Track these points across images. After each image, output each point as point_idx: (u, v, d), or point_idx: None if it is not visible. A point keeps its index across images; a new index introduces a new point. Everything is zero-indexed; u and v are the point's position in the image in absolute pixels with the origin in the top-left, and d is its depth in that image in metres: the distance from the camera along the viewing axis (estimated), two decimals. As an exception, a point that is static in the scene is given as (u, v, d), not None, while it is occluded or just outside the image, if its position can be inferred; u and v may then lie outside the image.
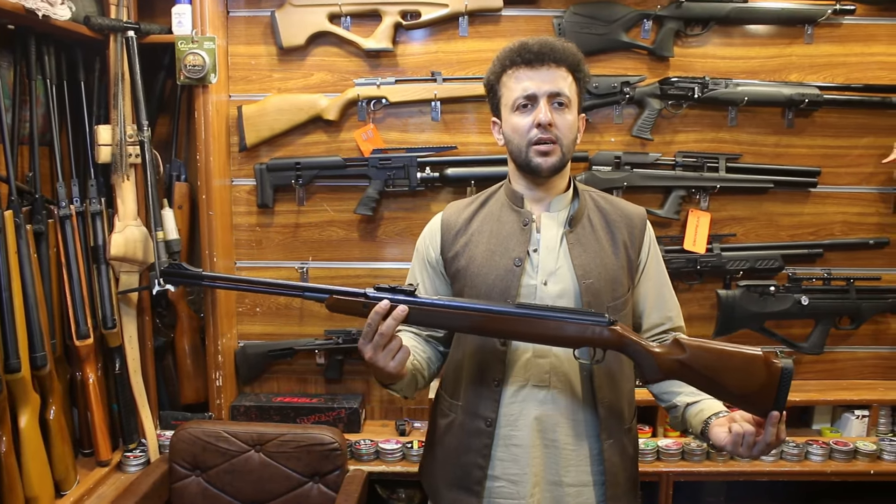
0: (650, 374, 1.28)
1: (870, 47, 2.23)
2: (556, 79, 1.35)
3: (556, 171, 1.38)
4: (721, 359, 1.23)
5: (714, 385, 1.25)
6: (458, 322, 1.28)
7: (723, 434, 1.26)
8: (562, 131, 1.36)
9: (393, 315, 1.23)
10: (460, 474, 1.43)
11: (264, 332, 2.36)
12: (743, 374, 1.20)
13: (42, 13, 1.71)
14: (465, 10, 2.17)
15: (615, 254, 1.42)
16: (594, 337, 1.26)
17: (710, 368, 1.23)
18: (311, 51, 2.25)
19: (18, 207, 1.74)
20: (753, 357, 1.20)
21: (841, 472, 2.09)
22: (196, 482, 1.98)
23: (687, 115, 2.26)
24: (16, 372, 1.67)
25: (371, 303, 1.24)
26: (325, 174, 2.25)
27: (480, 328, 1.28)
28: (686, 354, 1.24)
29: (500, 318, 1.26)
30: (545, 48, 1.36)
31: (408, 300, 1.25)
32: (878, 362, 2.39)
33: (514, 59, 1.38)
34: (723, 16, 2.17)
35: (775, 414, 1.18)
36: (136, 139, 2.04)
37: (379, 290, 1.27)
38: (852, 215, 2.32)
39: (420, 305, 1.26)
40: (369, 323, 1.23)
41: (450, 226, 1.49)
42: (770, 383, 1.18)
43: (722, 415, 1.31)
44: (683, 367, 1.25)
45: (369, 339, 1.24)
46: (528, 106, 1.36)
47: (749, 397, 1.21)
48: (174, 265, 1.31)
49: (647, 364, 1.27)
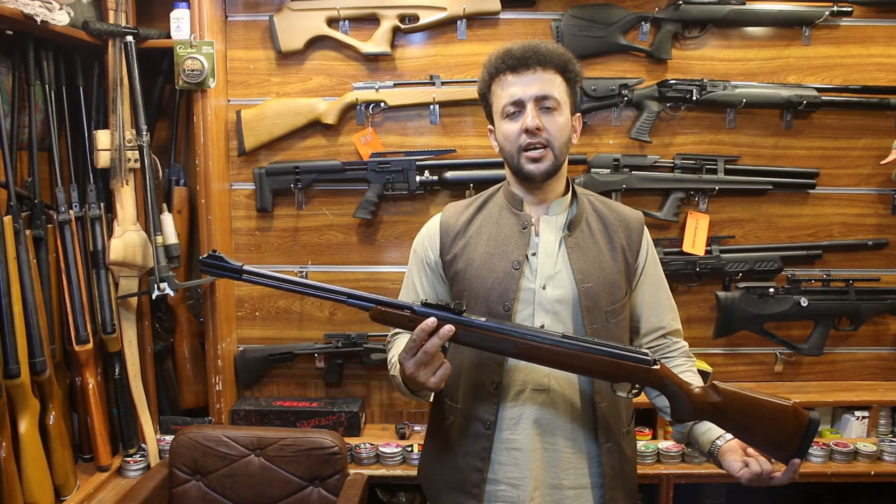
0: (683, 415, 1.29)
1: (867, 49, 2.24)
2: (543, 82, 1.35)
3: (549, 176, 1.38)
4: (753, 407, 1.25)
5: (743, 431, 1.27)
6: (503, 346, 1.27)
7: (737, 465, 1.28)
8: (552, 134, 1.35)
9: (439, 334, 1.21)
10: (459, 478, 1.43)
11: (264, 337, 2.36)
12: (773, 424, 1.23)
13: (40, 19, 1.71)
14: (464, 13, 2.18)
15: (613, 258, 1.42)
16: (636, 375, 1.27)
17: (742, 415, 1.25)
18: (310, 55, 2.25)
19: (18, 213, 1.74)
20: (784, 408, 1.22)
21: (841, 473, 2.09)
22: (196, 487, 1.98)
23: (685, 117, 2.26)
24: (15, 377, 1.67)
25: (418, 318, 1.23)
26: (324, 178, 2.25)
27: (526, 355, 1.27)
28: (721, 400, 1.26)
29: (547, 348, 1.25)
30: (528, 52, 1.35)
31: (455, 319, 1.24)
32: (877, 363, 2.39)
33: (499, 67, 1.38)
34: (721, 18, 2.18)
35: (797, 462, 1.21)
36: (135, 144, 2.04)
37: (426, 305, 1.25)
38: (851, 216, 2.32)
39: (467, 326, 1.24)
40: (414, 338, 1.22)
41: (449, 228, 1.49)
42: (797, 432, 1.21)
43: (729, 437, 1.32)
44: (717, 411, 1.27)
45: (412, 355, 1.23)
46: (516, 112, 1.36)
47: (774, 444, 1.24)
48: (214, 255, 1.25)
49: (683, 404, 1.28)
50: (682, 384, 1.28)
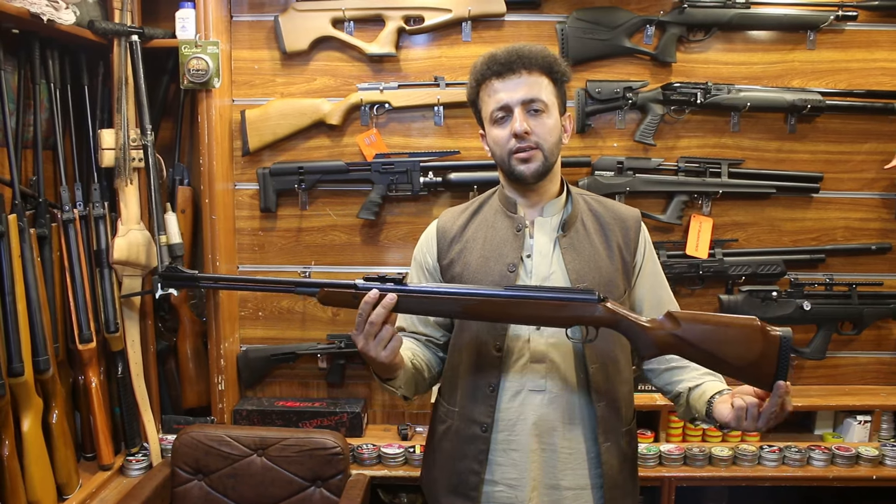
0: (645, 350, 1.26)
1: (872, 53, 2.24)
2: (529, 85, 1.35)
3: (540, 176, 1.38)
4: (716, 329, 1.21)
5: (712, 357, 1.22)
6: (447, 307, 1.29)
7: (726, 410, 1.24)
8: (541, 136, 1.36)
9: (382, 304, 1.23)
10: (456, 481, 1.44)
11: (266, 337, 2.36)
12: (740, 344, 1.18)
13: (47, 18, 1.71)
14: (469, 15, 2.18)
15: (609, 257, 1.42)
16: (585, 315, 1.25)
17: (707, 340, 1.21)
18: (315, 55, 2.25)
19: (22, 211, 1.75)
20: (749, 324, 1.18)
21: (843, 477, 2.08)
22: (198, 486, 1.98)
23: (689, 120, 2.26)
24: (19, 376, 1.67)
25: (361, 293, 1.26)
26: (327, 179, 2.25)
27: (470, 312, 1.29)
28: (680, 328, 1.23)
29: (489, 300, 1.27)
30: (513, 56, 1.36)
31: (396, 288, 1.26)
32: (880, 367, 2.39)
33: (484, 73, 1.39)
34: (725, 21, 2.18)
35: (781, 384, 1.16)
36: (139, 143, 2.04)
37: (368, 280, 1.28)
38: (854, 221, 2.32)
39: (409, 293, 1.27)
40: (360, 313, 1.24)
41: (445, 233, 1.50)
42: (769, 352, 1.16)
43: (724, 392, 1.30)
44: (678, 340, 1.23)
45: (361, 329, 1.25)
46: (504, 117, 1.37)
47: (749, 368, 1.18)
48: (170, 268, 1.36)
49: (642, 340, 1.25)
50: (636, 319, 1.25)
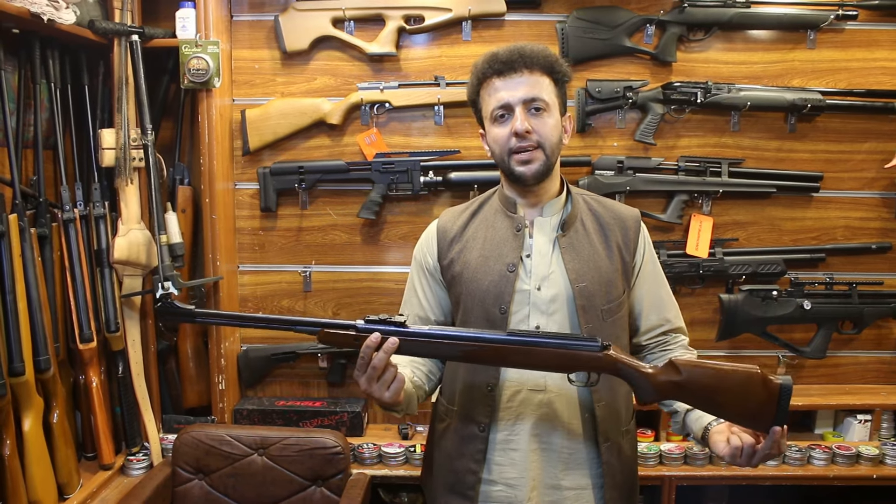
0: (645, 396, 1.27)
1: (872, 53, 2.24)
2: (531, 84, 1.35)
3: (541, 177, 1.38)
4: (717, 378, 1.21)
5: (712, 405, 1.24)
6: (448, 351, 1.28)
7: (721, 444, 1.26)
8: (542, 135, 1.35)
9: (384, 348, 1.23)
10: (454, 479, 1.44)
11: (267, 336, 2.35)
12: (741, 394, 1.19)
13: (47, 17, 1.71)
14: (469, 14, 2.18)
15: (609, 256, 1.42)
16: (587, 362, 1.25)
17: (707, 388, 1.22)
18: (315, 55, 2.25)
19: (23, 211, 1.75)
20: (750, 375, 1.18)
21: (843, 476, 2.09)
22: (199, 486, 1.98)
23: (689, 119, 2.26)
24: (20, 375, 1.67)
25: (362, 336, 1.24)
26: (328, 178, 2.25)
27: (472, 357, 1.29)
28: (681, 376, 1.23)
29: (491, 347, 1.26)
30: (514, 55, 1.35)
31: (398, 331, 1.25)
32: (880, 367, 2.39)
33: (486, 71, 1.38)
34: (725, 21, 2.18)
35: (777, 430, 1.17)
36: (139, 143, 2.04)
37: (368, 322, 1.27)
38: (854, 220, 2.32)
39: (410, 336, 1.26)
40: (362, 356, 1.23)
41: (445, 232, 1.50)
42: (769, 401, 1.16)
43: (721, 421, 1.31)
44: (679, 388, 1.24)
45: (363, 372, 1.25)
46: (505, 116, 1.36)
47: (748, 415, 1.20)
48: (166, 304, 1.32)
49: (643, 386, 1.26)
50: (637, 366, 1.26)
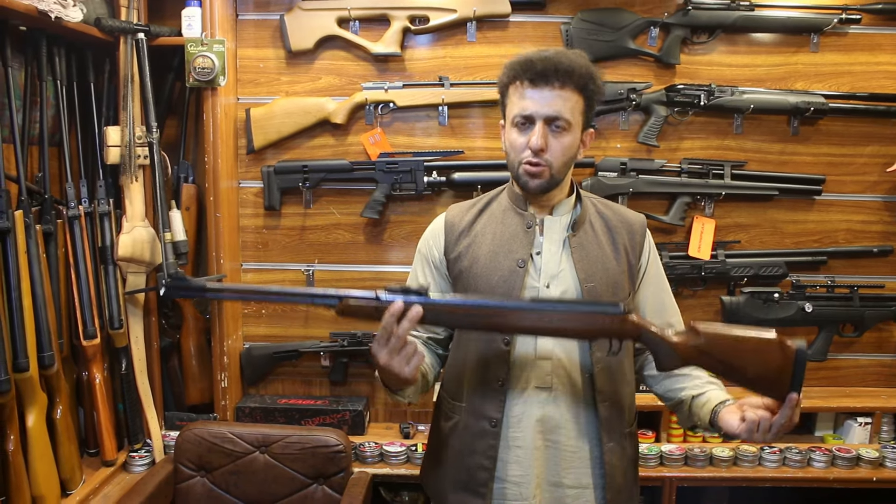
0: (668, 362, 1.27)
1: (875, 56, 2.24)
2: (557, 101, 1.32)
3: (544, 191, 1.38)
4: (737, 343, 1.23)
5: (731, 369, 1.25)
6: (472, 319, 1.26)
7: (735, 421, 1.26)
8: (554, 155, 1.34)
9: (408, 317, 1.20)
10: (465, 477, 1.44)
11: (270, 334, 2.37)
12: (759, 358, 1.20)
13: (55, 15, 1.71)
14: (474, 15, 2.18)
15: (616, 258, 1.43)
16: (609, 327, 1.25)
17: (727, 353, 1.23)
18: (320, 54, 2.26)
19: (28, 207, 1.74)
20: (768, 340, 1.20)
21: (843, 479, 2.09)
22: (201, 483, 1.98)
23: (693, 122, 2.27)
24: (24, 371, 1.68)
25: (383, 305, 1.21)
26: (332, 177, 2.25)
27: (497, 326, 1.27)
28: (703, 341, 1.24)
29: (516, 313, 1.25)
30: (550, 68, 1.31)
31: (421, 300, 1.22)
32: (880, 370, 2.40)
33: (518, 74, 1.35)
34: (729, 24, 2.18)
35: (794, 396, 1.18)
36: (144, 141, 2.05)
37: (390, 291, 1.23)
38: (856, 223, 2.33)
39: (434, 305, 1.23)
40: (384, 326, 1.20)
41: (453, 226, 1.49)
42: (785, 365, 1.18)
43: (729, 403, 1.31)
44: (701, 353, 1.25)
45: (384, 344, 1.21)
46: (525, 124, 1.35)
47: (765, 380, 1.21)
48: (177, 278, 1.27)
49: (665, 352, 1.26)
50: (661, 331, 1.26)
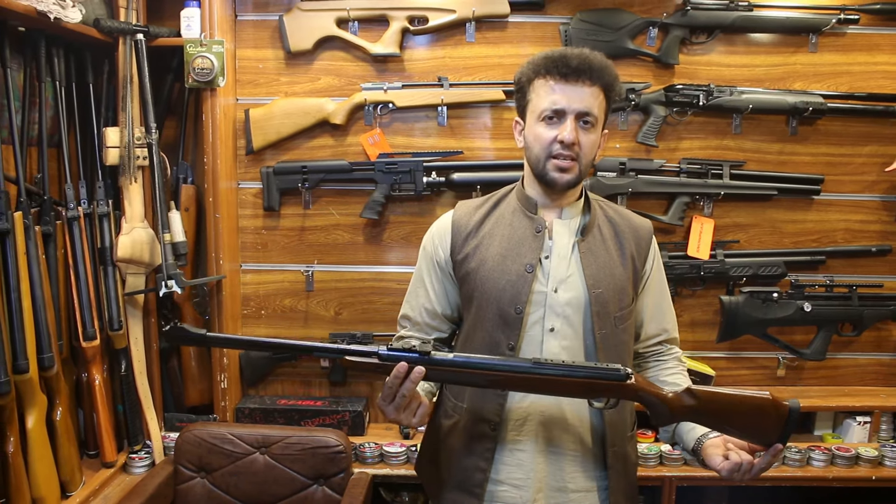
0: (661, 420, 1.31)
1: (874, 56, 2.25)
2: (588, 98, 1.34)
3: (571, 187, 1.39)
4: (731, 405, 1.26)
5: (724, 428, 1.29)
6: (475, 380, 1.28)
7: (717, 459, 1.29)
8: (584, 150, 1.36)
9: (411, 378, 1.23)
10: (462, 477, 1.44)
11: (269, 335, 2.36)
12: (752, 418, 1.24)
13: (54, 16, 1.71)
14: (473, 16, 2.18)
15: (623, 264, 1.43)
16: (610, 390, 1.28)
17: (721, 414, 1.27)
18: (319, 55, 2.26)
19: (27, 209, 1.74)
20: (762, 402, 1.24)
21: (843, 478, 2.10)
22: (201, 484, 1.98)
23: (692, 122, 2.27)
24: (24, 373, 1.68)
25: (385, 364, 1.24)
26: (331, 178, 2.25)
27: (498, 384, 1.29)
28: (697, 403, 1.27)
29: (518, 377, 1.27)
30: (584, 65, 1.33)
31: (423, 360, 1.25)
32: (879, 369, 2.40)
33: (549, 69, 1.35)
34: (728, 24, 2.19)
35: (778, 446, 1.23)
36: (143, 141, 2.04)
37: (392, 350, 1.26)
38: (855, 223, 2.33)
39: (436, 365, 1.26)
40: (388, 386, 1.24)
41: (461, 227, 1.48)
42: (778, 422, 1.22)
43: (713, 435, 1.34)
44: (694, 413, 1.28)
45: (390, 401, 1.25)
46: (554, 119, 1.35)
47: (756, 435, 1.26)
48: (176, 328, 1.34)
49: (660, 411, 1.30)
50: (657, 393, 1.29)
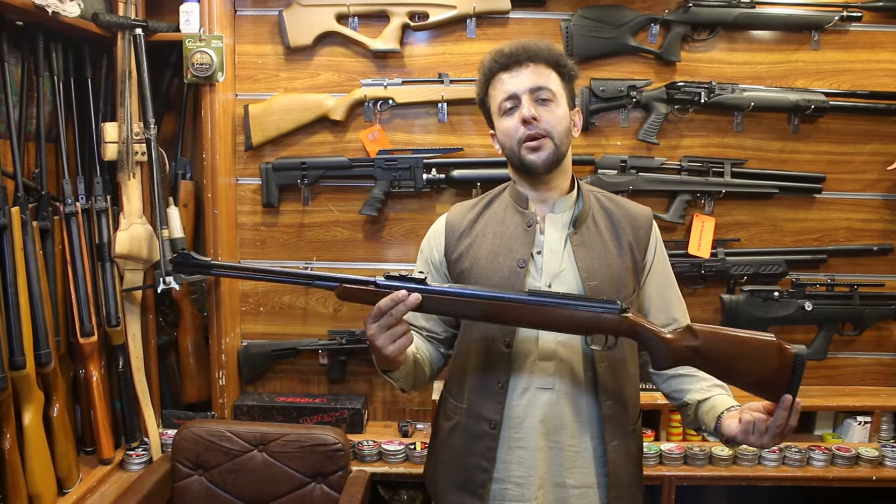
0: (663, 362, 1.28)
1: (876, 54, 2.24)
2: (534, 75, 1.36)
3: (551, 166, 1.37)
4: (734, 345, 1.23)
5: (727, 371, 1.25)
6: (468, 310, 1.28)
7: (733, 425, 1.26)
8: (550, 123, 1.35)
9: (406, 302, 1.22)
10: (464, 477, 1.43)
11: (268, 332, 2.36)
12: (756, 360, 1.20)
13: (52, 10, 1.70)
14: (473, 12, 2.18)
15: (620, 255, 1.42)
16: (606, 324, 1.26)
17: (723, 355, 1.23)
18: (318, 51, 2.25)
19: (25, 204, 1.74)
20: (766, 343, 1.20)
21: (843, 478, 2.09)
22: (198, 481, 1.98)
23: (693, 119, 2.26)
24: (21, 369, 1.67)
25: (382, 292, 1.24)
26: (330, 174, 2.25)
27: (491, 315, 1.28)
28: (699, 341, 1.24)
29: (511, 305, 1.26)
30: (519, 49, 1.37)
31: (419, 288, 1.25)
32: (880, 369, 2.39)
33: (492, 68, 1.40)
34: (730, 21, 2.18)
35: (787, 398, 1.18)
36: (142, 137, 2.03)
37: (389, 278, 1.27)
38: (856, 221, 2.32)
39: (431, 293, 1.26)
40: (380, 305, 1.23)
41: (454, 227, 1.49)
42: (783, 369, 1.18)
43: (733, 408, 1.31)
44: (696, 353, 1.25)
45: (376, 319, 1.24)
46: (513, 108, 1.37)
47: (762, 383, 1.21)
48: (183, 254, 1.31)
49: (660, 351, 1.27)
50: (657, 331, 1.27)
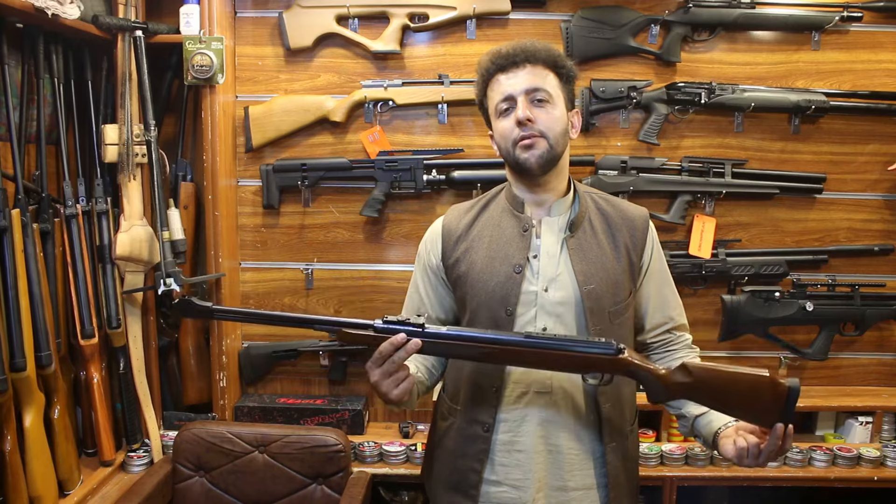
0: (656, 397, 1.31)
1: (877, 54, 2.24)
2: (531, 76, 1.36)
3: (546, 166, 1.37)
4: (727, 382, 1.25)
5: (720, 405, 1.28)
6: (468, 351, 1.29)
7: (729, 447, 1.29)
8: (545, 124, 1.35)
9: (406, 348, 1.24)
10: (457, 478, 1.45)
11: (268, 333, 2.35)
12: (749, 396, 1.23)
13: (52, 12, 1.70)
14: (473, 13, 2.17)
15: (616, 258, 1.42)
16: (602, 364, 1.28)
17: (717, 391, 1.26)
18: (319, 52, 2.25)
19: (25, 206, 1.74)
20: (759, 379, 1.22)
21: (844, 478, 2.09)
22: (199, 483, 1.98)
23: (693, 120, 2.26)
24: (21, 371, 1.67)
25: (380, 336, 1.26)
26: (330, 176, 2.25)
27: (490, 357, 1.30)
28: (692, 378, 1.26)
29: (509, 348, 1.27)
30: (516, 50, 1.37)
31: (419, 332, 1.27)
32: (881, 369, 2.39)
33: (490, 69, 1.40)
34: (730, 21, 2.18)
35: (779, 426, 1.20)
36: (142, 139, 2.03)
37: (388, 322, 1.28)
38: (857, 222, 2.32)
39: (431, 338, 1.27)
40: (381, 350, 1.24)
41: (450, 231, 1.49)
42: (777, 402, 1.20)
43: (730, 425, 1.33)
44: (689, 389, 1.28)
45: (378, 365, 1.25)
46: (509, 109, 1.37)
47: (755, 414, 1.24)
48: (184, 301, 1.32)
49: (654, 387, 1.29)
50: (650, 368, 1.29)
